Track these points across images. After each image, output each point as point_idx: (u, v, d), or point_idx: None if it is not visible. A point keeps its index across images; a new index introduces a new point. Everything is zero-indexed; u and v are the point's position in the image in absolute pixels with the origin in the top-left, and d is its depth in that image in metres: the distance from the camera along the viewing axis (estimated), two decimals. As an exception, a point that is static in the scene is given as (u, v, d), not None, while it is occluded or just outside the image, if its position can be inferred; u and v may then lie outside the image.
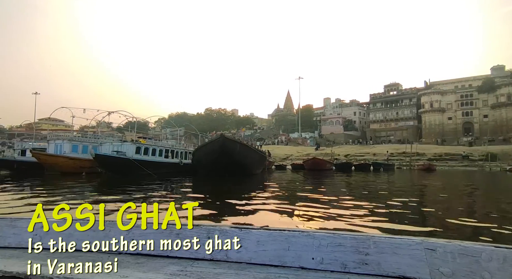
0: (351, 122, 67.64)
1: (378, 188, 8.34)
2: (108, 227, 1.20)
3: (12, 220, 1.30)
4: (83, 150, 14.57)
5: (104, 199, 5.45)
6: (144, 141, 14.39)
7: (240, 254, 1.08)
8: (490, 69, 52.45)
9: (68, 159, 13.88)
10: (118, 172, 12.50)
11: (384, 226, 3.01)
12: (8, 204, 4.79)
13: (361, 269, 0.97)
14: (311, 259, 1.01)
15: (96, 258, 1.09)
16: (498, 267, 0.85)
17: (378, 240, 0.99)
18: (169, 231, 1.16)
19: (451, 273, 0.88)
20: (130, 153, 13.22)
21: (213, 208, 4.22)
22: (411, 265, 0.93)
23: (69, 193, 6.48)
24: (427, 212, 4.31)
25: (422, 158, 26.56)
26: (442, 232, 2.90)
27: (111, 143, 13.95)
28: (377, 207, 4.30)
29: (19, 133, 67.84)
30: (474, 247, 0.90)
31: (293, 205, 4.65)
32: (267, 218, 3.54)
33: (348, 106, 72.01)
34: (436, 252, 0.92)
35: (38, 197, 5.94)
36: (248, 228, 1.12)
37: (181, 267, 1.02)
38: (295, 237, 1.05)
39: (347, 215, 3.58)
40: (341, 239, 1.01)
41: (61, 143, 14.45)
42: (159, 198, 5.50)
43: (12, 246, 1.25)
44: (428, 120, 52.18)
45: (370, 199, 5.40)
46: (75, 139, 14.80)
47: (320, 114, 73.82)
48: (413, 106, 56.02)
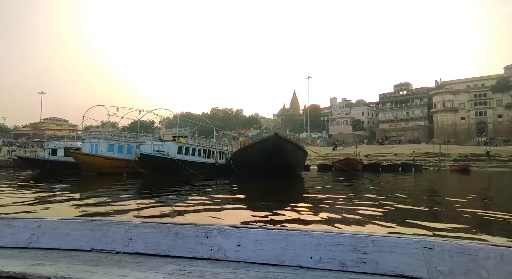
0: (360, 122, 67.24)
1: (452, 191, 7.80)
2: (106, 226, 1.18)
3: (9, 220, 1.28)
4: (119, 149, 14.01)
5: (171, 202, 4.90)
6: (184, 140, 13.83)
7: (239, 253, 1.07)
8: (503, 68, 52.05)
9: (105, 159, 13.33)
10: (162, 172, 11.98)
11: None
12: (81, 208, 4.25)
13: (359, 267, 0.96)
14: (310, 258, 1.00)
15: (94, 257, 1.09)
16: (495, 265, 0.85)
17: (376, 239, 0.98)
18: (167, 230, 1.14)
19: (448, 271, 0.88)
20: (172, 153, 12.68)
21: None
22: (409, 263, 0.93)
23: (129, 195, 5.93)
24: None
25: (448, 159, 26.06)
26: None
27: (151, 142, 13.38)
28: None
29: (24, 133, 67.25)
30: (471, 245, 0.90)
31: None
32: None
33: (355, 106, 71.57)
34: (434, 250, 0.92)
35: (101, 199, 5.39)
36: (247, 227, 1.11)
37: (179, 266, 1.00)
38: (293, 236, 1.05)
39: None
40: (340, 238, 1.01)
41: (96, 142, 13.88)
42: (233, 206, 4.93)
43: (9, 246, 1.21)
44: (440, 120, 51.74)
45: (486, 206, 4.89)
46: (112, 138, 14.20)
47: (327, 114, 73.41)
48: (424, 106, 55.59)
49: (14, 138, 60.71)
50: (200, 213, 4.00)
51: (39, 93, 64.45)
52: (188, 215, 3.79)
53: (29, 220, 1.26)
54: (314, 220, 3.47)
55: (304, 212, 4.11)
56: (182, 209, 4.31)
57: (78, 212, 3.98)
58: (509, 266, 0.84)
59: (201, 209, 4.32)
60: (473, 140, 44.69)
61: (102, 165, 13.28)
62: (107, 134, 14.34)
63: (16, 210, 4.07)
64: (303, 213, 3.98)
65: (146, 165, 11.84)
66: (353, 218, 3.58)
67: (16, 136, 63.15)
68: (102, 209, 4.23)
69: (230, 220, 3.53)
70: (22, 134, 65.59)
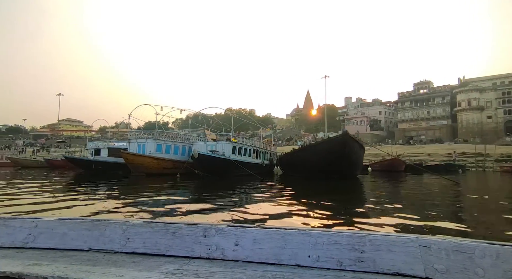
0: (377, 121, 65.93)
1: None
2: (104, 226, 1.17)
3: (5, 220, 1.26)
4: (166, 149, 13.50)
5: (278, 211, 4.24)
6: (235, 140, 13.22)
7: (237, 252, 1.06)
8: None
9: (153, 159, 12.83)
10: (217, 173, 11.39)
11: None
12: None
13: (357, 266, 0.96)
14: (307, 257, 1.00)
15: (91, 257, 1.08)
16: (491, 263, 0.85)
17: (374, 237, 0.98)
18: (165, 229, 1.13)
19: (445, 269, 0.89)
20: (227, 153, 12.08)
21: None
22: (406, 262, 0.93)
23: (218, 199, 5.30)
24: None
25: (489, 159, 24.82)
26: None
27: (204, 142, 12.82)
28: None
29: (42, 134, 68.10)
30: (467, 244, 0.90)
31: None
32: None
33: (371, 105, 70.29)
34: (431, 249, 0.92)
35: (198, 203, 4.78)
36: (245, 227, 1.09)
37: (177, 265, 1.00)
38: (291, 235, 1.04)
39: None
40: (337, 236, 1.01)
41: (144, 142, 13.41)
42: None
43: (6, 246, 1.20)
44: (465, 119, 50.04)
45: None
46: (160, 138, 13.71)
47: (343, 114, 72.22)
48: (446, 104, 53.94)
49: (33, 139, 61.54)
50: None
51: (57, 95, 65.12)
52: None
53: (25, 220, 1.24)
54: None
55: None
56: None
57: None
58: (504, 264, 0.84)
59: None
60: (502, 139, 42.94)
61: (151, 166, 12.81)
62: (155, 134, 13.84)
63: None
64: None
65: (203, 165, 11.25)
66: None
67: (35, 137, 64.01)
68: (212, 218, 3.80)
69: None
70: (41, 135, 66.43)
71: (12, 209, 4.39)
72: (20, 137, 61.53)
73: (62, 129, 76.15)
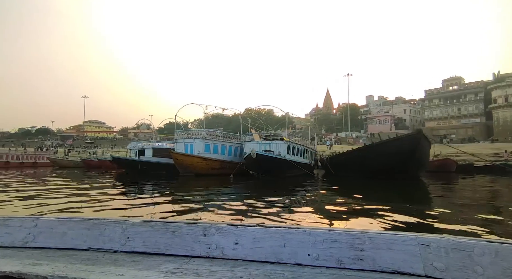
0: (401, 120, 63.67)
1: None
2: (103, 225, 1.17)
3: (5, 219, 1.25)
4: (214, 149, 13.08)
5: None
6: (287, 139, 12.61)
7: (236, 251, 1.06)
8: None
9: (202, 160, 12.42)
10: (273, 173, 10.82)
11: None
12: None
13: (356, 265, 0.96)
14: (307, 255, 1.00)
15: (91, 256, 1.08)
16: (490, 261, 0.85)
17: (373, 236, 0.98)
18: (164, 228, 1.13)
19: (444, 267, 0.89)
20: (282, 153, 11.49)
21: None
22: (405, 260, 0.93)
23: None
24: None
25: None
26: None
27: (257, 142, 12.30)
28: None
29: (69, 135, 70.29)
30: (466, 242, 0.90)
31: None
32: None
33: (394, 103, 67.99)
34: (430, 247, 0.92)
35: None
36: (244, 225, 1.09)
37: (177, 264, 1.00)
38: (291, 234, 1.03)
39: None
40: (337, 235, 1.00)
41: (192, 142, 13.06)
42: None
43: (5, 246, 1.20)
44: (502, 117, 47.10)
45: None
46: (208, 137, 13.32)
47: (365, 113, 70.22)
48: (479, 101, 51.07)
49: (60, 140, 63.67)
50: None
51: (82, 97, 67.25)
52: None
53: (25, 220, 1.24)
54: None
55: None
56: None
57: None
58: (503, 262, 0.84)
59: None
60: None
61: (199, 166, 12.41)
62: (204, 133, 13.45)
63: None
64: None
65: (260, 166, 10.69)
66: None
67: (61, 138, 66.21)
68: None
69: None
70: (67, 136, 68.64)
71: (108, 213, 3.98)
72: (49, 138, 63.82)
73: (86, 130, 78.43)
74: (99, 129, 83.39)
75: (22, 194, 6.35)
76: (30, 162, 25.31)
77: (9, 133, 70.57)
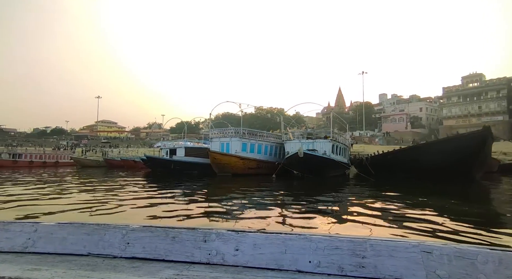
0: (417, 118, 62.16)
1: None
2: (103, 231, 1.16)
3: (5, 224, 1.24)
4: (251, 148, 12.61)
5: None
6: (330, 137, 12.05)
7: (237, 257, 1.04)
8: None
9: (239, 159, 11.97)
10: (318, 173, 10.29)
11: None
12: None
13: (358, 272, 0.94)
14: (308, 262, 0.98)
15: (91, 262, 1.07)
16: (494, 269, 0.84)
17: (375, 242, 0.97)
18: (165, 234, 1.12)
19: (447, 275, 0.87)
20: (328, 152, 10.93)
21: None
22: (407, 267, 0.91)
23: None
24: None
25: None
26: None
27: (299, 141, 11.78)
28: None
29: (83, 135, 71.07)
30: (469, 249, 0.88)
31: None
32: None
33: (409, 102, 66.43)
34: (433, 254, 0.90)
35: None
36: (245, 232, 1.07)
37: (177, 271, 0.99)
38: (292, 240, 1.02)
39: None
40: (338, 242, 0.99)
41: (228, 141, 12.63)
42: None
43: (5, 251, 1.19)
44: (526, 114, 45.34)
45: None
46: (245, 136, 12.86)
47: (379, 111, 68.81)
48: (502, 98, 49.30)
49: (75, 139, 64.46)
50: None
51: (96, 98, 67.96)
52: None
53: (25, 224, 1.22)
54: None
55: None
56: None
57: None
58: (507, 270, 0.83)
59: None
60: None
61: (237, 166, 11.96)
62: (240, 132, 13.00)
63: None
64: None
65: (306, 165, 10.16)
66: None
67: (76, 138, 67.04)
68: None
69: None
70: (81, 136, 69.46)
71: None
72: (64, 138, 64.62)
73: (99, 130, 79.24)
74: (111, 129, 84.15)
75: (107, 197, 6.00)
76: (52, 162, 25.42)
77: (26, 133, 71.81)
